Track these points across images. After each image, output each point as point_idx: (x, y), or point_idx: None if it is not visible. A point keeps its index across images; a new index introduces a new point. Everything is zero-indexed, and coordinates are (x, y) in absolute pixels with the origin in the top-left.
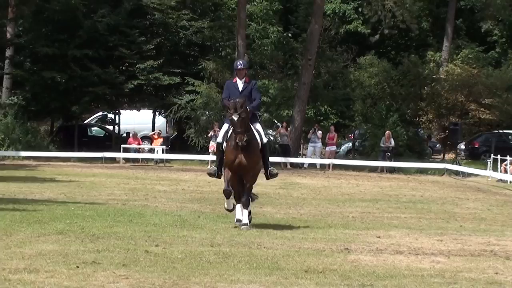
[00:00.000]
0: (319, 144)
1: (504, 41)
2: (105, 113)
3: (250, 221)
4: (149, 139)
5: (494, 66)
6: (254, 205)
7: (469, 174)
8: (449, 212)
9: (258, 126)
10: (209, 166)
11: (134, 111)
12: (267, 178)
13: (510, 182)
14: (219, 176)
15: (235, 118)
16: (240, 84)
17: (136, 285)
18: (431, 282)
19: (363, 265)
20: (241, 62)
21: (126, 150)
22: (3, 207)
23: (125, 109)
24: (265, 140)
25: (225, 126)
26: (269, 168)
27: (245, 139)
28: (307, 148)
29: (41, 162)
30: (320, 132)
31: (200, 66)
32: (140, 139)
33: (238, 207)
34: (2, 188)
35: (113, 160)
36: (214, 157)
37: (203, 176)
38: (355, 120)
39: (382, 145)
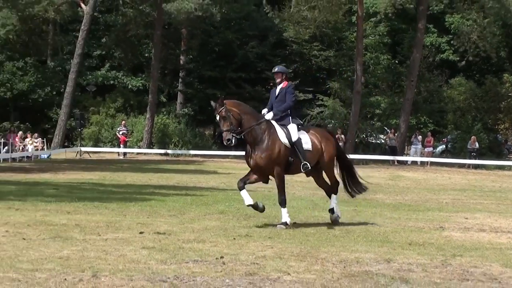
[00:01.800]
0: (419, 146)
1: None
2: None
3: (286, 223)
4: None
5: None
6: (366, 193)
7: None
8: None
9: (290, 126)
10: None
11: None
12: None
13: None
14: None
15: (217, 118)
16: (277, 89)
17: (279, 253)
18: (508, 254)
19: (454, 240)
20: (277, 67)
21: None
22: (178, 192)
23: None
24: (294, 139)
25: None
26: (302, 163)
27: (227, 137)
28: (410, 149)
29: (206, 158)
30: (420, 136)
31: (327, 86)
32: None
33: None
34: (178, 178)
35: None
36: None
37: None
38: (448, 128)
39: (468, 147)
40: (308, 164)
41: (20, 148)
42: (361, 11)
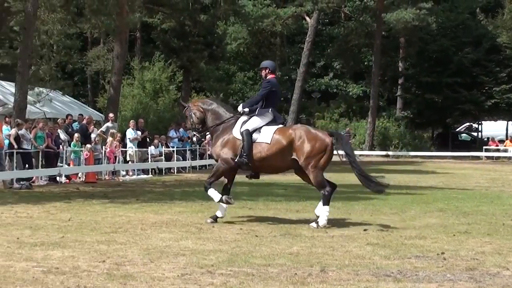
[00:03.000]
0: None
1: None
2: (471, 123)
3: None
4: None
5: None
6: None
7: None
8: None
9: (252, 118)
10: None
11: (492, 122)
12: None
13: None
14: None
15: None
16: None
17: (498, 249)
18: None
19: None
20: (263, 62)
21: (487, 150)
22: (399, 191)
23: (485, 120)
24: (242, 129)
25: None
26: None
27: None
28: None
29: (425, 159)
30: None
31: None
32: (497, 142)
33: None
34: (399, 178)
35: (477, 158)
36: None
37: None
38: None
39: None
40: (244, 159)
41: None
42: None
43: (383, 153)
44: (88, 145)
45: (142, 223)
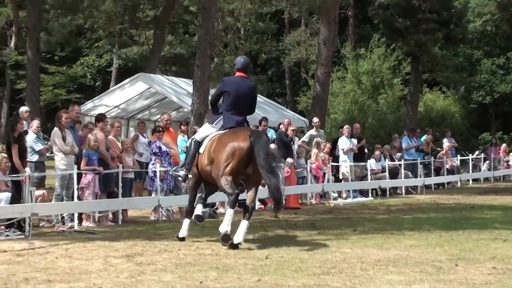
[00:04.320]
0: None
1: None
2: None
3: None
4: None
5: None
6: None
7: None
8: None
9: (201, 127)
10: None
11: None
12: None
13: None
14: None
15: None
16: None
17: None
18: None
19: None
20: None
21: None
22: None
23: None
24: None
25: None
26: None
27: None
28: None
29: None
30: None
31: None
32: None
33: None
34: None
35: None
36: None
37: None
38: None
39: None
40: (180, 171)
41: (504, 165)
42: None
43: None
44: (289, 160)
45: (362, 261)
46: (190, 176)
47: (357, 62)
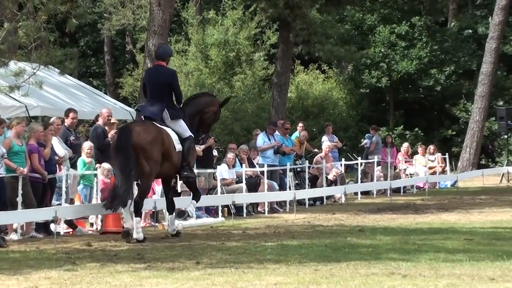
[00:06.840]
0: None
1: None
2: None
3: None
4: None
5: None
6: None
7: None
8: None
9: None
10: None
11: None
12: None
13: None
14: None
15: None
16: None
17: None
18: None
19: None
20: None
21: None
22: None
23: None
24: None
25: None
26: None
27: None
28: None
29: None
30: None
31: None
32: None
33: None
34: None
35: None
36: None
37: None
38: None
39: None
40: None
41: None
42: None
43: None
44: (106, 165)
45: None
46: None
47: (203, 30)
